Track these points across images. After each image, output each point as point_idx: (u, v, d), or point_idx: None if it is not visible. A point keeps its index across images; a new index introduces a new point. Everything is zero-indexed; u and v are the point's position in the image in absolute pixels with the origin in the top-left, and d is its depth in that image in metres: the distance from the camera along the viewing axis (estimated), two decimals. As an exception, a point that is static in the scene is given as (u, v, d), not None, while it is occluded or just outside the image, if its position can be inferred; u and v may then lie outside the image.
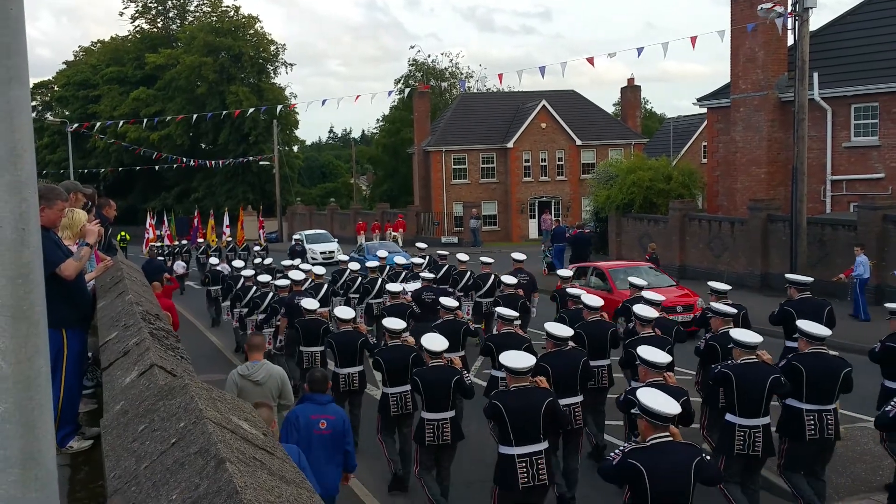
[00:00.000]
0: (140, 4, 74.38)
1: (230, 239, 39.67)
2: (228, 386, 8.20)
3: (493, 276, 16.23)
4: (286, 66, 76.24)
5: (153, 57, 67.28)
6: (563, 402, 8.03)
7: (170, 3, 75.22)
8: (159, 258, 27.11)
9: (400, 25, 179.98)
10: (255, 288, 16.69)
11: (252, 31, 69.12)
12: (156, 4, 75.08)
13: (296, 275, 15.65)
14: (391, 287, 13.89)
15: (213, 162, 58.36)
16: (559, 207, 52.38)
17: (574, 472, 9.11)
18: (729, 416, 8.14)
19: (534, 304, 15.75)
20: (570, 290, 12.43)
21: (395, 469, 9.72)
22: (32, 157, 1.38)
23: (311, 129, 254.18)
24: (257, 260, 24.12)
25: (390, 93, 38.77)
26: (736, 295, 20.22)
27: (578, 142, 51.90)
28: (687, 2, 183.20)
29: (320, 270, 17.05)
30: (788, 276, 12.16)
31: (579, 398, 9.01)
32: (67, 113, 69.87)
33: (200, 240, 39.47)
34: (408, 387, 9.34)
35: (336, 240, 41.67)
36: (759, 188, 28.24)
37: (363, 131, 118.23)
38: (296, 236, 41.87)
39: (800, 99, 22.02)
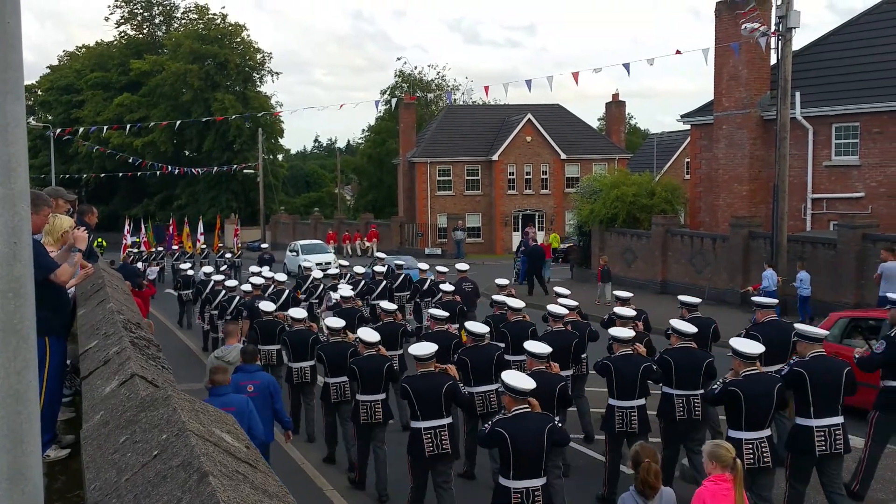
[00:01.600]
0: (126, 10, 74.10)
1: (204, 246, 41.68)
2: (209, 366, 9.26)
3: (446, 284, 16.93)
4: (272, 75, 76.01)
5: (138, 63, 67.02)
6: (480, 389, 9.96)
7: (156, 9, 75.00)
8: (137, 264, 27.72)
9: (386, 36, 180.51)
10: (223, 291, 18.07)
11: (239, 40, 69.01)
12: (142, 11, 74.81)
13: (256, 280, 17.09)
14: (343, 293, 15.01)
15: (196, 169, 58.15)
16: (543, 221, 52.53)
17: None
18: (610, 401, 9.47)
19: (474, 309, 17.14)
20: (494, 297, 13.61)
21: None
22: (26, 172, 1.39)
23: (297, 138, 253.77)
24: (223, 267, 25.36)
25: (377, 103, 38.78)
26: (715, 310, 20.43)
27: (563, 156, 52.13)
28: (672, 19, 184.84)
29: (282, 277, 18.25)
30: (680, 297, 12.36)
31: (494, 386, 9.93)
32: (50, 118, 69.34)
33: (175, 246, 40.50)
34: (345, 378, 10.53)
35: (332, 250, 40.72)
36: (740, 205, 28.45)
37: (348, 141, 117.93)
38: (291, 246, 41.42)
39: (782, 117, 22.23)
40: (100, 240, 34.88)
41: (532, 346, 8.84)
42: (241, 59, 68.53)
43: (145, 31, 75.67)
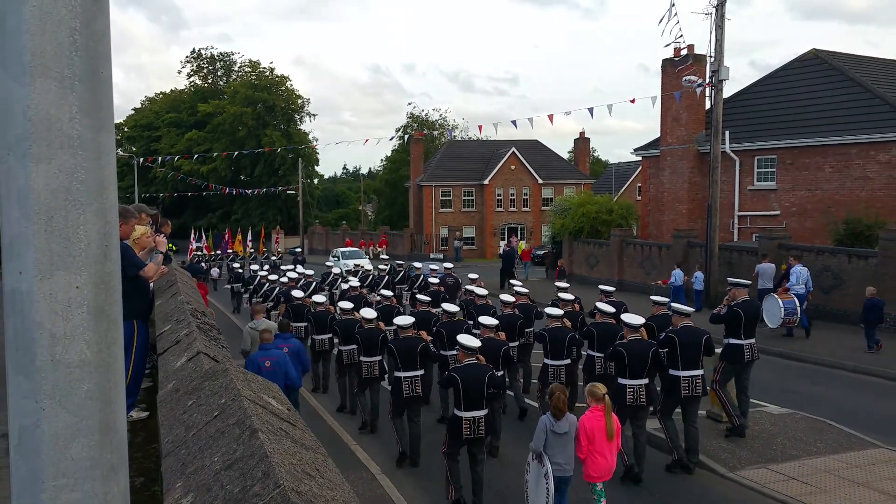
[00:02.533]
0: (195, 65, 74.28)
1: (252, 250, 43.33)
2: (246, 334, 10.40)
3: (433, 277, 17.84)
4: (310, 116, 76.31)
5: (204, 106, 67.08)
6: (452, 352, 9.85)
7: (218, 64, 75.14)
8: (201, 264, 28.39)
9: (399, 85, 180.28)
10: (266, 284, 18.96)
11: (283, 88, 68.99)
12: (207, 65, 74.97)
13: (291, 275, 18.29)
14: (353, 282, 16.14)
15: (249, 190, 58.18)
16: (524, 232, 52.50)
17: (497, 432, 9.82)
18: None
19: (458, 299, 17.39)
20: (465, 286, 14.78)
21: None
22: (115, 190, 1.40)
23: (329, 165, 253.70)
24: (266, 266, 26.32)
25: (392, 138, 39.12)
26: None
27: (540, 181, 52.11)
28: (626, 73, 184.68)
29: (310, 272, 19.36)
30: (655, 297, 12.09)
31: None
32: (134, 149, 69.40)
33: (230, 250, 42.16)
34: (353, 346, 11.03)
35: (367, 257, 38.58)
36: (681, 220, 28.44)
37: (370, 169, 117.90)
38: (333, 252, 40.81)
39: (714, 151, 22.24)
40: (171, 245, 35.14)
41: (484, 318, 9.92)
42: (285, 104, 68.54)
43: (210, 81, 75.71)
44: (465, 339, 8.20)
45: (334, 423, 11.45)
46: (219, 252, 42.64)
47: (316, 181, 75.34)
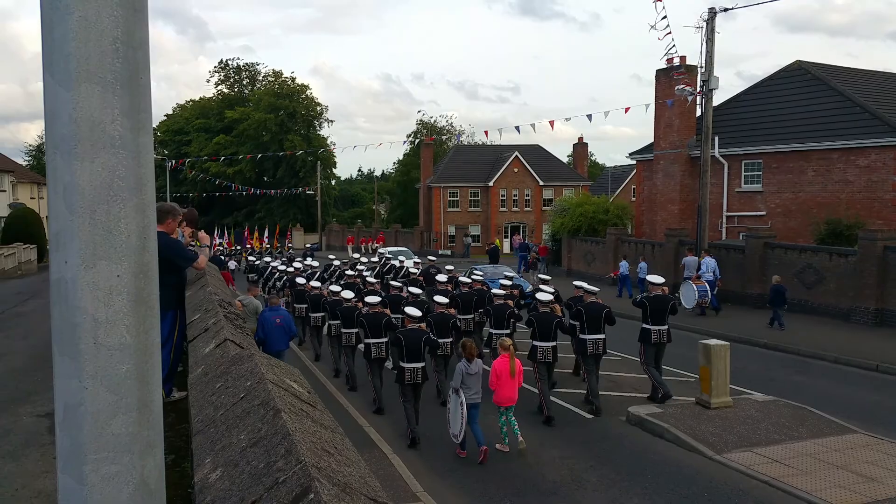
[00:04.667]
0: (222, 74, 74.39)
1: (268, 245, 44.87)
2: (251, 301, 11.44)
3: (413, 267, 19.82)
4: (328, 122, 76.08)
5: (231, 113, 67.16)
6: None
7: (244, 73, 75.21)
8: (221, 257, 29.31)
9: (408, 93, 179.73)
10: (276, 274, 20.86)
11: (304, 96, 69.01)
12: (234, 74, 75.05)
13: (296, 265, 20.43)
14: (349, 272, 17.75)
15: (272, 191, 58.32)
16: (526, 231, 52.42)
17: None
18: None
19: (433, 286, 18.10)
20: (437, 276, 16.34)
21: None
22: (153, 187, 1.40)
23: (345, 168, 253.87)
24: (282, 259, 27.56)
25: (404, 142, 38.95)
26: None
27: (541, 183, 51.97)
28: (621, 82, 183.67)
29: (315, 263, 21.43)
30: (576, 282, 13.44)
31: (447, 340, 11.46)
32: (166, 152, 69.54)
33: (248, 246, 44.43)
34: (339, 321, 12.61)
35: (415, 256, 35.84)
36: (673, 220, 28.32)
37: (383, 171, 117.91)
38: (381, 250, 39.44)
39: (704, 155, 22.14)
40: (196, 242, 36.10)
41: (438, 297, 11.94)
42: (306, 110, 68.55)
43: (236, 90, 75.78)
44: (410, 309, 10.15)
45: (349, 405, 11.52)
46: (238, 247, 44.45)
47: (333, 182, 75.36)
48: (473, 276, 15.12)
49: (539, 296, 11.40)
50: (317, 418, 2.82)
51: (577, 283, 12.80)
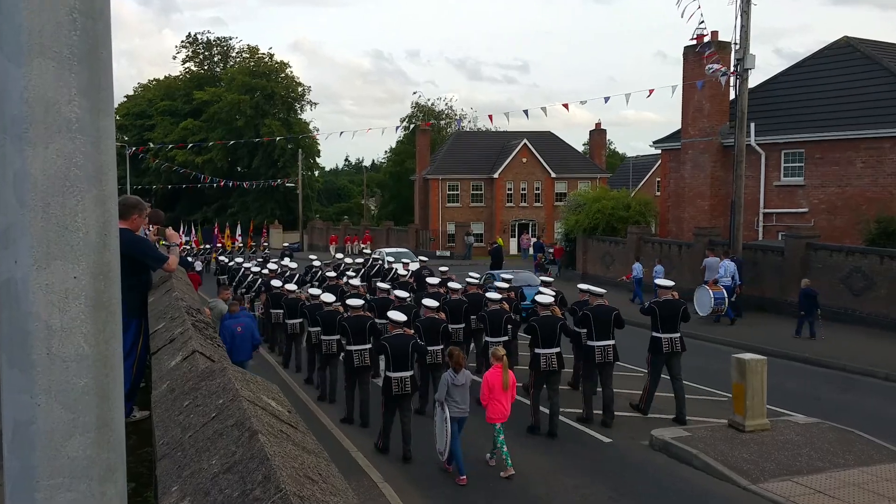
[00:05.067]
0: (190, 50, 74.40)
1: (241, 245, 45.49)
2: (215, 304, 12.48)
3: (401, 269, 20.30)
4: (311, 105, 75.78)
5: (200, 94, 67.22)
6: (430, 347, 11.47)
7: (215, 49, 75.22)
8: (188, 257, 29.37)
9: (402, 73, 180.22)
10: (250, 276, 21.33)
11: (283, 75, 69.07)
12: (203, 50, 75.05)
13: (271, 266, 21.17)
14: (331, 274, 18.38)
15: (247, 183, 58.35)
16: (535, 229, 52.46)
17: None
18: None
19: (424, 289, 18.04)
20: (427, 279, 16.82)
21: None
22: (115, 177, 1.41)
23: (330, 157, 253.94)
24: (257, 260, 27.65)
25: (397, 128, 38.92)
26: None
27: (553, 175, 52.04)
28: (644, 61, 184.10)
29: (293, 265, 21.57)
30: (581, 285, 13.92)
31: (437, 347, 11.79)
32: (126, 138, 69.47)
33: (219, 245, 44.58)
34: (319, 328, 13.03)
35: (419, 258, 37.18)
36: (703, 218, 28.34)
37: (373, 161, 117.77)
38: (378, 251, 38.92)
39: (739, 144, 22.16)
40: (162, 241, 36.30)
41: (427, 301, 12.29)
42: (285, 91, 68.62)
43: (206, 68, 75.82)
44: (394, 314, 10.52)
45: (335, 428, 11.51)
46: (208, 246, 44.59)
47: (316, 173, 75.42)
48: (469, 280, 15.67)
49: (538, 298, 11.64)
50: (298, 441, 2.82)
51: (581, 285, 13.13)
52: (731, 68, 22.75)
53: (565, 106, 26.04)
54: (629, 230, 29.19)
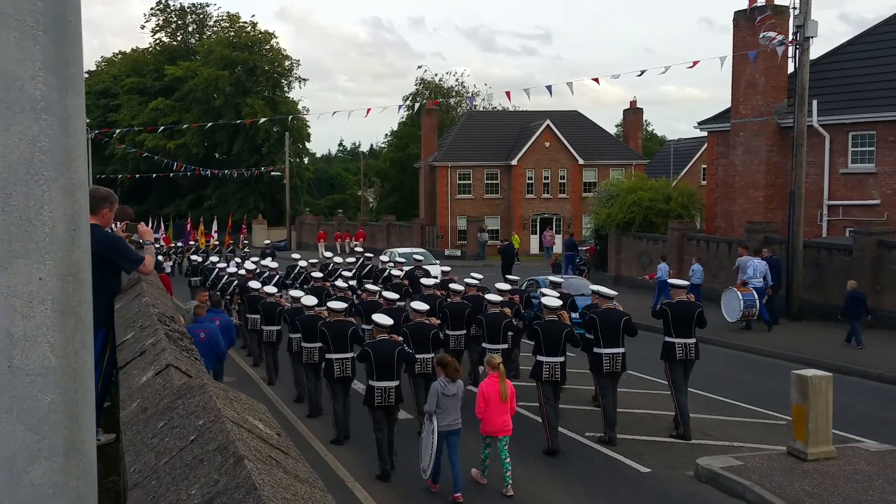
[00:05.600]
0: (161, 18, 74.69)
1: (217, 242, 45.27)
2: (187, 309, 13.49)
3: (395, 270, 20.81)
4: (300, 81, 75.67)
5: (172, 69, 67.49)
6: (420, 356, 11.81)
7: (189, 17, 75.51)
8: (158, 257, 29.65)
9: (405, 44, 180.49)
10: (225, 277, 21.99)
11: (268, 47, 69.34)
12: (176, 19, 75.37)
13: (249, 266, 22.11)
14: (316, 274, 19.09)
15: (226, 171, 58.58)
16: (560, 224, 52.38)
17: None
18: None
19: (419, 291, 18.56)
20: (422, 280, 17.49)
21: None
22: (85, 163, 1.42)
23: (322, 141, 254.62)
24: (234, 259, 28.94)
25: (400, 108, 38.95)
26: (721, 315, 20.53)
27: (581, 161, 51.97)
28: (686, 28, 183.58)
29: (274, 264, 22.31)
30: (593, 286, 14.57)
31: (429, 355, 12.11)
32: (88, 121, 69.54)
33: (192, 242, 44.83)
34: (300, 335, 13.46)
35: (438, 262, 33.68)
36: (756, 211, 28.23)
37: (371, 145, 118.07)
38: (388, 252, 37.19)
39: (799, 125, 22.06)
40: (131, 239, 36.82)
41: (416, 304, 12.84)
42: (270, 66, 68.88)
43: (179, 39, 76.19)
44: (379, 317, 10.93)
45: (329, 454, 11.56)
46: (179, 244, 45.04)
47: (306, 160, 75.73)
48: (468, 281, 16.34)
49: (545, 301, 12.11)
50: (290, 468, 2.84)
51: (593, 286, 13.58)
52: (790, 37, 22.64)
53: (595, 80, 26.01)
54: (670, 225, 29.13)
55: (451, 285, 15.83)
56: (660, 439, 11.97)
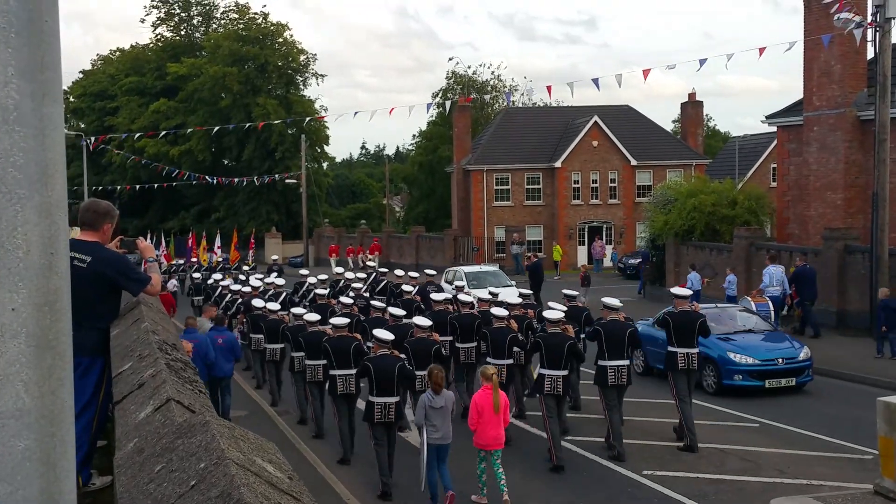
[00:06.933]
0: (162, 11, 75.50)
1: (220, 259, 45.31)
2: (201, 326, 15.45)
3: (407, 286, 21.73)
4: (317, 78, 74.51)
5: (175, 66, 68.35)
6: (420, 372, 12.51)
7: (194, 9, 76.31)
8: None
9: (433, 34, 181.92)
10: (228, 294, 23.40)
11: (281, 40, 69.83)
12: (179, 11, 76.22)
13: (254, 283, 23.15)
14: (320, 291, 20.65)
15: (235, 179, 59.12)
16: (611, 233, 52.11)
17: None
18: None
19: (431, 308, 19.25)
20: (431, 296, 18.42)
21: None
22: (64, 178, 1.42)
23: (342, 145, 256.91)
24: (235, 276, 30.00)
25: (429, 106, 38.98)
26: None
27: (633, 162, 51.72)
28: (749, 11, 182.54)
29: (280, 281, 24.00)
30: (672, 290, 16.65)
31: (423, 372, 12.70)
32: (83, 125, 71.13)
33: (194, 259, 45.49)
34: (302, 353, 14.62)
35: (513, 283, 30.63)
36: (834, 215, 27.88)
37: (398, 148, 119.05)
38: (450, 272, 34.43)
39: (881, 117, 21.78)
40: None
41: (418, 319, 14.01)
42: (284, 61, 69.41)
43: (183, 33, 77.18)
44: (380, 332, 11.95)
45: (351, 497, 11.60)
46: (181, 262, 45.89)
47: (325, 166, 76.22)
48: (480, 296, 17.57)
49: (547, 314, 13.33)
50: (303, 517, 2.83)
51: (604, 299, 14.63)
52: (869, 18, 22.39)
53: (644, 73, 25.89)
54: (736, 233, 28.91)
55: (460, 296, 17.12)
56: (728, 478, 11.86)
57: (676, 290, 14.82)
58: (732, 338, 17.57)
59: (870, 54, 25.05)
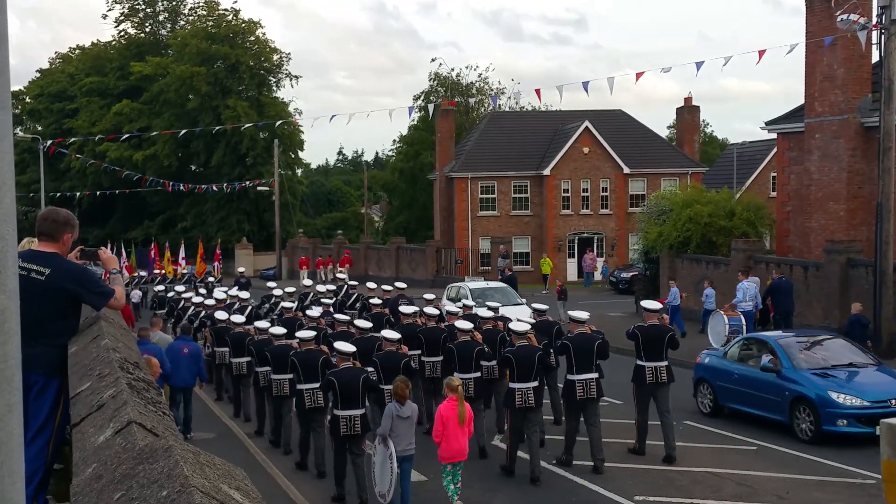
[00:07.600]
0: (126, 6, 75.29)
1: (185, 271, 45.87)
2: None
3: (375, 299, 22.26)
4: (291, 79, 74.26)
5: (139, 66, 68.16)
6: (388, 386, 12.77)
7: (160, 5, 76.21)
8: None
9: (414, 32, 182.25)
10: (191, 308, 24.06)
11: (252, 38, 69.86)
12: (144, 7, 76.09)
13: (218, 295, 24.25)
14: (286, 304, 21.70)
15: (203, 186, 58.89)
16: (603, 245, 52.25)
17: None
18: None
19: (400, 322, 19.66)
20: (401, 308, 18.90)
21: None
22: (13, 190, 1.41)
23: (318, 150, 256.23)
24: (199, 288, 31.59)
25: (410, 109, 38.99)
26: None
27: (626, 169, 51.93)
28: (749, 10, 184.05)
29: (245, 294, 24.46)
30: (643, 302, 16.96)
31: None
32: (40, 128, 70.80)
33: (157, 271, 45.87)
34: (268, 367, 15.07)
35: (523, 300, 29.32)
36: (837, 227, 28.05)
37: (377, 154, 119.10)
38: (454, 288, 33.20)
39: (886, 124, 21.94)
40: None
41: (386, 332, 14.83)
42: (256, 61, 69.37)
43: (148, 30, 77.08)
44: (340, 344, 12.42)
45: (273, 467, 11.61)
46: (144, 274, 46.06)
47: (300, 172, 76.10)
48: (448, 309, 18.38)
49: (513, 326, 14.01)
50: (271, 549, 2.82)
51: (571, 312, 15.32)
52: (874, 20, 22.60)
53: (637, 76, 26.04)
54: (734, 245, 29.01)
55: (426, 309, 17.86)
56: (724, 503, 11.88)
57: (646, 303, 15.60)
58: (832, 373, 15.53)
59: (874, 58, 25.27)
